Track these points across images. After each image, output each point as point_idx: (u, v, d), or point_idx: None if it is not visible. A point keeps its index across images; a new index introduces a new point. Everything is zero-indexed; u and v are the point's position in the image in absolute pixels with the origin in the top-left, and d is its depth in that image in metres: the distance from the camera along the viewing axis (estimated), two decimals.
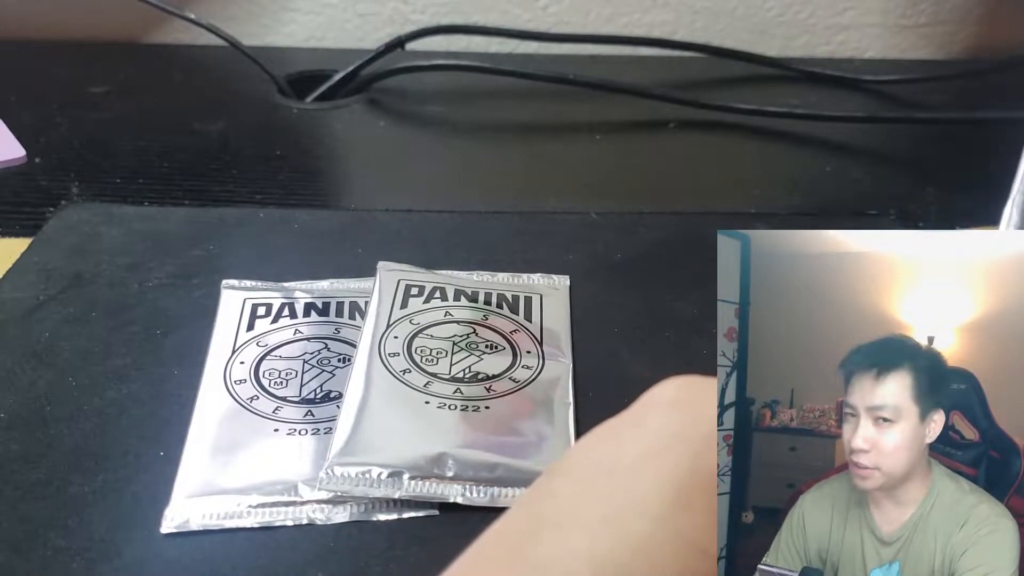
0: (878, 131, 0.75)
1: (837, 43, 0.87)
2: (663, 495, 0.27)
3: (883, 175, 0.71)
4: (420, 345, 0.48)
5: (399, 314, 0.49)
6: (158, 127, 0.73)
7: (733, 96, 0.76)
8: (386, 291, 0.50)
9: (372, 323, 0.48)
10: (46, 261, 0.55)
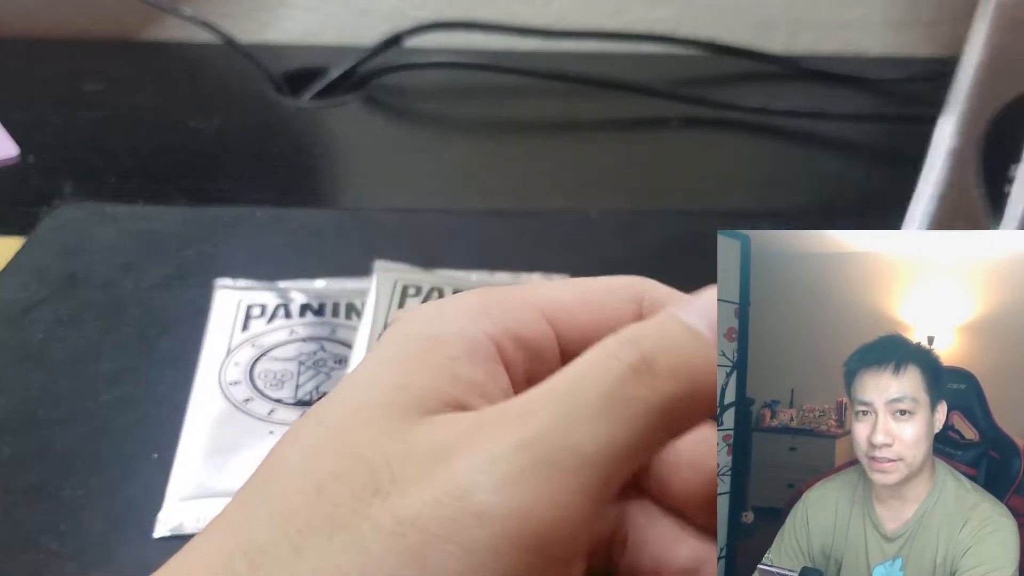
0: (883, 129, 0.75)
1: (841, 41, 0.86)
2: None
3: (886, 174, 0.70)
4: None
5: (397, 315, 0.49)
6: (153, 125, 0.72)
7: (736, 94, 0.75)
8: (383, 291, 0.50)
9: (369, 324, 0.48)
10: (39, 261, 0.54)
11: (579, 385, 0.26)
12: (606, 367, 0.26)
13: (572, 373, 0.27)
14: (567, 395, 0.26)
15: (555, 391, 0.26)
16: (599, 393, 0.26)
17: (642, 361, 0.26)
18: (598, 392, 0.26)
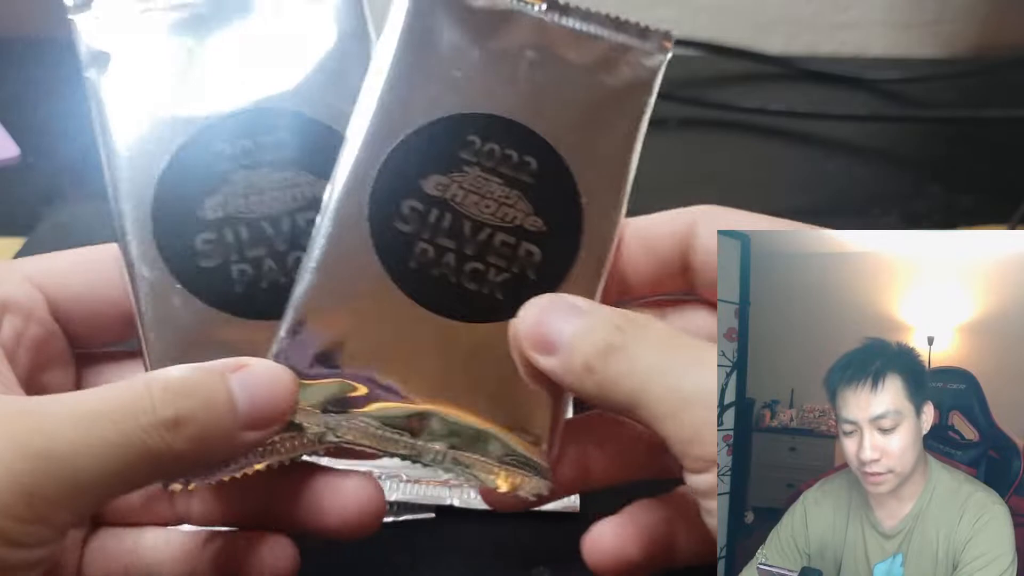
0: (881, 130, 0.75)
1: (840, 41, 0.86)
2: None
3: (886, 174, 0.70)
4: None
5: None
6: None
7: (735, 94, 0.76)
8: None
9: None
10: None
11: (105, 409, 0.28)
12: (140, 409, 0.28)
13: (110, 397, 0.29)
14: (88, 416, 0.28)
15: (82, 404, 0.28)
16: (119, 431, 0.28)
17: (175, 422, 0.29)
18: (118, 430, 0.28)
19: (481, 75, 0.37)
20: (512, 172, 0.36)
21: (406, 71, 0.36)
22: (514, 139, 0.36)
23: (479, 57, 0.37)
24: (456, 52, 0.37)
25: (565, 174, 0.37)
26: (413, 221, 0.35)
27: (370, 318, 0.34)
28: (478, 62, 0.37)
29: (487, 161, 0.36)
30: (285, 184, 0.36)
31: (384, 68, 0.36)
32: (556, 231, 0.36)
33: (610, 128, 0.38)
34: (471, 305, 0.35)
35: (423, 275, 0.35)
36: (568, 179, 0.37)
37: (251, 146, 0.37)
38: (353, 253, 0.34)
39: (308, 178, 0.36)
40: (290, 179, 0.36)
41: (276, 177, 0.36)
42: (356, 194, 0.35)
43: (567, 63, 0.38)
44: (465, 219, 0.35)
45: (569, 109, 0.37)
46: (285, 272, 0.35)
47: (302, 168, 0.37)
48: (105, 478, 0.28)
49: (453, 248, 0.35)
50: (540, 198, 0.36)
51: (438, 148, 0.36)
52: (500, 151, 0.36)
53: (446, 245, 0.35)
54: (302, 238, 0.35)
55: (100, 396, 0.29)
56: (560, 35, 0.38)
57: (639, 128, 0.39)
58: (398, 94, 0.36)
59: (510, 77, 0.37)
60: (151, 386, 0.29)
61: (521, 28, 0.38)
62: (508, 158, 0.36)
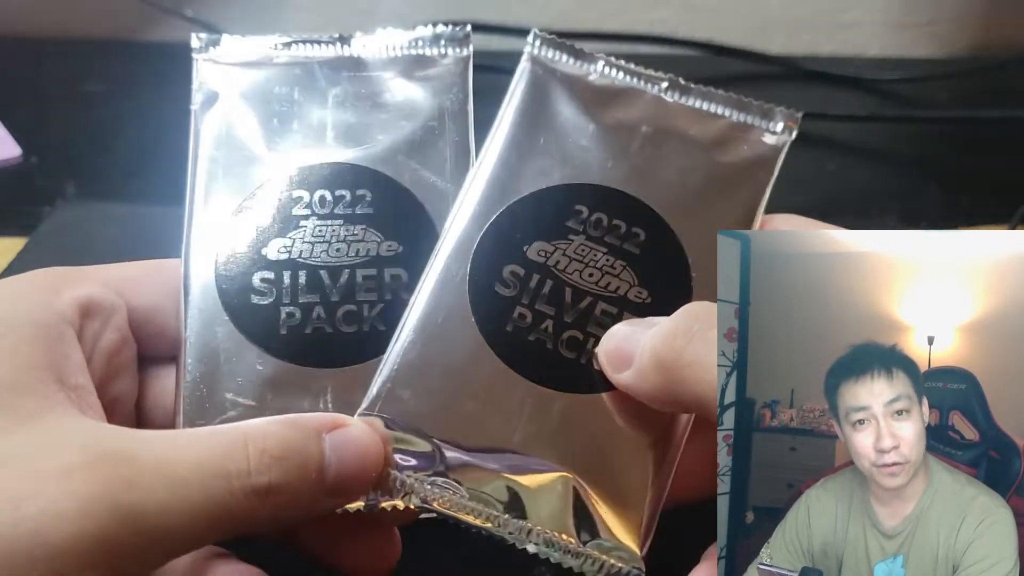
0: (881, 130, 0.75)
1: (839, 41, 0.86)
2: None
3: (885, 174, 0.70)
4: None
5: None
6: (155, 125, 0.72)
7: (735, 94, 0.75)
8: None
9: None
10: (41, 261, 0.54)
11: (200, 472, 0.28)
12: (234, 471, 0.28)
13: (204, 455, 0.28)
14: (182, 477, 0.28)
15: (178, 463, 0.28)
16: (207, 496, 0.28)
17: (267, 490, 0.28)
18: (206, 495, 0.28)
19: (594, 148, 0.37)
20: (619, 242, 0.36)
21: (519, 142, 0.37)
22: (623, 209, 0.36)
23: (593, 131, 0.37)
24: (570, 125, 0.37)
25: (675, 246, 0.36)
26: (513, 285, 0.35)
27: (462, 380, 0.34)
28: (592, 135, 0.37)
29: (593, 231, 0.36)
30: (353, 239, 0.37)
31: (499, 138, 0.37)
32: (662, 303, 0.35)
33: (726, 204, 0.38)
34: (567, 374, 0.34)
35: (519, 340, 0.34)
36: (678, 251, 0.36)
37: (329, 197, 0.38)
38: (450, 314, 0.34)
39: (376, 236, 0.37)
40: (359, 235, 0.37)
41: (346, 231, 0.37)
42: (459, 256, 0.35)
43: (684, 139, 0.38)
44: (566, 286, 0.35)
45: (683, 184, 0.37)
46: (332, 323, 0.36)
47: (372, 226, 0.37)
48: (185, 540, 0.28)
49: (552, 315, 0.34)
50: (647, 269, 0.35)
51: (544, 216, 0.36)
52: (608, 221, 0.36)
53: (545, 311, 0.35)
54: (357, 293, 0.36)
55: (196, 456, 0.28)
56: (679, 112, 0.38)
57: (759, 206, 0.38)
58: (509, 163, 0.37)
59: (623, 150, 0.37)
60: (249, 447, 0.28)
61: (638, 104, 0.38)
62: (616, 228, 0.36)
